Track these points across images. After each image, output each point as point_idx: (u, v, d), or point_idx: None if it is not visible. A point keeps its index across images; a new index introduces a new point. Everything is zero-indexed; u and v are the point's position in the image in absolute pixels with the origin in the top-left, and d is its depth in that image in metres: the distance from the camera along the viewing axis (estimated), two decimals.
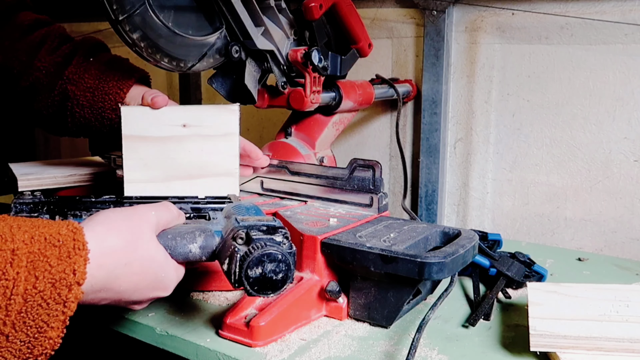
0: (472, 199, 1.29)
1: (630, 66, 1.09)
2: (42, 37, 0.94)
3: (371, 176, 0.91)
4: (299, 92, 1.02)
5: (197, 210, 0.74)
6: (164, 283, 0.64)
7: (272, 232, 0.64)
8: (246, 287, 0.62)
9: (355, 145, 1.43)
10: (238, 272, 0.62)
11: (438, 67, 1.22)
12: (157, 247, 0.63)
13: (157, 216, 0.65)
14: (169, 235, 0.66)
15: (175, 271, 0.66)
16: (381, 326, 0.78)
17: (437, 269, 0.71)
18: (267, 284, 0.63)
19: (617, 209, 1.14)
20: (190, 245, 0.66)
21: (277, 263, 0.63)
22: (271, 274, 0.63)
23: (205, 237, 0.67)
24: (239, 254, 0.62)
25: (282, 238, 0.64)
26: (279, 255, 0.62)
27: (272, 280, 0.63)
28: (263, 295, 0.63)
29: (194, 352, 0.73)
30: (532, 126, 1.20)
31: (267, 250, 0.62)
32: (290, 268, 0.63)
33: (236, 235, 0.63)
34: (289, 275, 0.64)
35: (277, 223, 0.67)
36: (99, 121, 0.93)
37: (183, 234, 0.66)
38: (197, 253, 0.66)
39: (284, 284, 0.64)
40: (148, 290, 0.63)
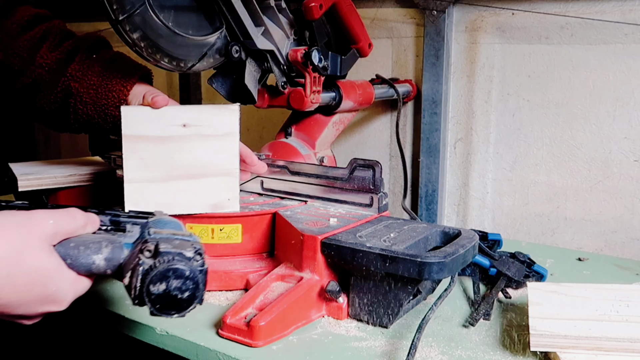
0: (472, 198, 1.29)
1: (631, 66, 1.09)
2: (43, 33, 0.93)
3: (371, 176, 0.91)
4: (299, 92, 1.02)
5: (115, 223, 0.67)
6: (55, 297, 0.58)
7: (184, 246, 0.59)
8: (147, 305, 0.57)
9: (356, 145, 1.43)
10: (139, 286, 0.57)
11: (438, 67, 1.22)
12: (50, 259, 0.57)
13: (55, 225, 0.59)
14: (72, 243, 0.60)
15: (73, 284, 0.59)
16: (381, 326, 0.78)
17: (437, 268, 0.71)
18: (171, 303, 0.57)
19: (617, 208, 1.14)
20: (95, 256, 0.60)
21: (184, 280, 0.57)
22: (176, 292, 0.57)
23: (112, 249, 0.60)
24: (143, 266, 0.57)
25: (193, 254, 0.58)
26: (186, 271, 0.57)
27: (177, 298, 0.57)
28: (165, 315, 0.58)
29: (194, 352, 0.73)
30: (532, 126, 1.20)
31: (173, 264, 0.56)
32: (198, 287, 0.57)
33: (144, 248, 0.58)
34: (197, 295, 0.58)
35: (192, 238, 0.61)
36: (102, 118, 0.93)
37: (88, 244, 0.60)
38: (102, 265, 0.60)
39: (190, 304, 0.58)
40: (36, 304, 0.57)
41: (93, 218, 0.64)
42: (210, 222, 0.89)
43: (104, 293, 0.88)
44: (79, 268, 0.60)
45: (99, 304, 0.84)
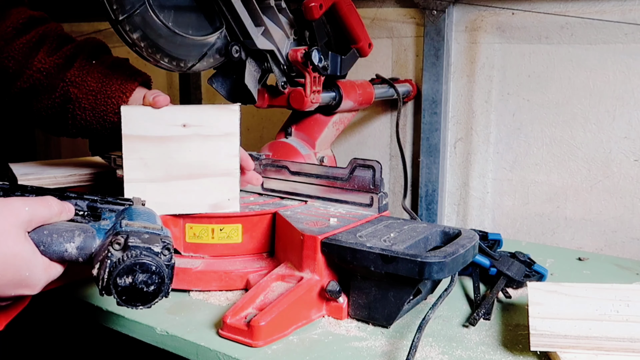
0: (472, 198, 1.29)
1: (631, 65, 1.09)
2: (39, 36, 0.93)
3: (371, 176, 0.91)
4: (299, 92, 1.02)
5: (92, 209, 0.69)
6: (28, 282, 0.60)
7: (153, 241, 0.61)
8: (114, 296, 0.59)
9: (356, 145, 1.43)
10: (107, 278, 0.59)
11: (438, 67, 1.22)
12: (24, 244, 0.59)
13: (31, 212, 0.61)
14: (45, 231, 0.62)
15: (45, 270, 0.61)
16: (381, 326, 0.78)
17: (438, 268, 0.71)
18: (137, 295, 0.60)
19: (617, 208, 1.14)
20: (67, 244, 0.62)
21: (150, 274, 0.59)
22: (142, 285, 0.59)
23: (84, 238, 0.62)
24: (111, 259, 0.59)
25: (161, 249, 0.60)
26: (152, 266, 0.59)
27: (143, 292, 0.60)
28: (131, 306, 0.60)
29: (194, 352, 0.73)
30: (532, 126, 1.20)
31: (140, 259, 0.59)
32: (164, 281, 0.60)
33: (114, 240, 0.60)
34: (162, 289, 0.60)
35: (162, 232, 0.63)
36: (100, 124, 0.93)
37: (61, 232, 0.62)
38: (74, 253, 0.62)
39: (155, 297, 0.60)
40: (8, 288, 0.59)
41: (68, 207, 0.66)
42: (211, 222, 0.89)
43: None
44: (52, 255, 0.62)
45: (98, 304, 0.84)
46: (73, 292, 0.87)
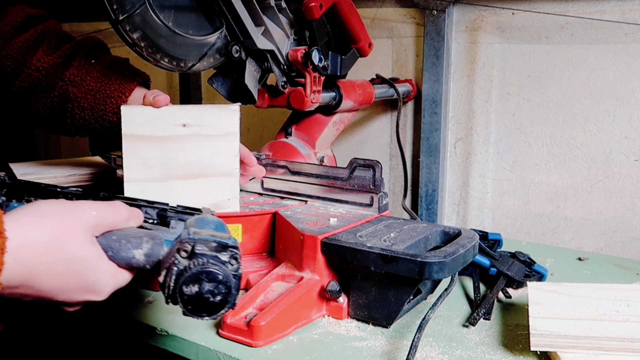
0: (473, 198, 1.29)
1: (631, 66, 1.09)
2: (38, 35, 0.92)
3: (371, 176, 0.91)
4: (299, 92, 1.02)
5: (162, 217, 0.69)
6: (94, 287, 0.59)
7: (221, 249, 0.59)
8: (180, 305, 0.58)
9: (356, 145, 1.43)
10: (173, 286, 0.58)
11: (438, 67, 1.22)
12: (90, 249, 0.59)
13: (99, 216, 0.60)
14: (114, 236, 0.61)
15: (113, 276, 0.61)
16: (382, 326, 0.78)
17: (438, 268, 0.71)
18: (203, 305, 0.58)
19: (617, 208, 1.14)
20: (135, 250, 0.61)
21: (217, 284, 0.58)
22: (208, 295, 0.58)
23: (152, 245, 0.62)
24: (178, 267, 0.58)
25: (229, 258, 0.59)
26: (219, 275, 0.58)
27: (209, 301, 0.58)
28: (196, 317, 0.59)
29: (194, 352, 0.73)
30: (532, 126, 1.20)
31: (207, 267, 0.58)
32: (230, 292, 0.58)
33: (181, 248, 0.59)
34: (229, 300, 0.59)
35: (230, 242, 0.61)
36: (99, 123, 0.93)
37: (129, 238, 0.61)
38: (142, 260, 0.61)
39: (221, 307, 0.59)
40: (75, 293, 0.59)
41: (137, 213, 0.66)
42: None
43: None
44: (120, 261, 0.61)
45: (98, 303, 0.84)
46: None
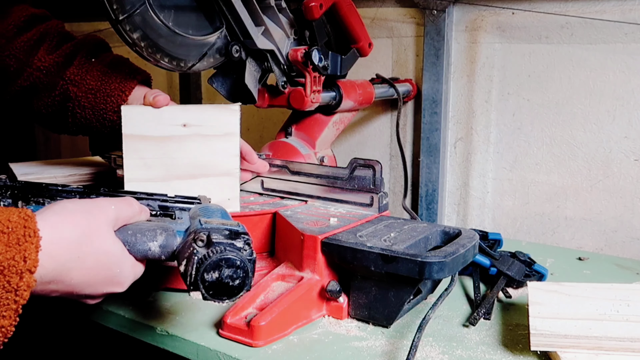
0: (473, 198, 1.29)
1: (631, 65, 1.09)
2: (40, 34, 0.92)
3: (371, 176, 0.91)
4: (299, 92, 1.02)
5: (164, 208, 0.72)
6: (118, 279, 0.63)
7: (234, 237, 0.63)
8: (201, 291, 0.61)
9: (356, 144, 1.43)
10: (194, 274, 0.61)
11: (438, 67, 1.22)
12: (114, 242, 0.62)
13: (116, 211, 0.63)
14: (129, 230, 0.64)
15: (132, 268, 0.64)
16: (382, 325, 0.78)
17: (438, 268, 0.71)
18: (223, 290, 0.62)
19: (617, 208, 1.14)
20: (150, 243, 0.64)
21: (235, 269, 0.61)
22: (228, 280, 0.61)
23: (166, 236, 0.65)
24: (197, 256, 0.61)
25: (243, 244, 0.63)
26: (237, 261, 0.61)
27: (229, 286, 0.62)
28: (218, 300, 0.62)
29: (195, 352, 0.73)
30: (532, 125, 1.20)
31: (225, 254, 0.61)
32: (247, 275, 0.62)
33: (197, 237, 0.62)
34: (246, 283, 0.62)
35: (240, 228, 0.65)
36: (100, 122, 0.93)
37: (144, 231, 0.65)
38: (157, 252, 0.65)
39: (240, 290, 0.62)
40: (101, 285, 0.61)
41: (145, 207, 0.69)
42: None
43: None
44: (136, 253, 0.64)
45: (98, 303, 0.84)
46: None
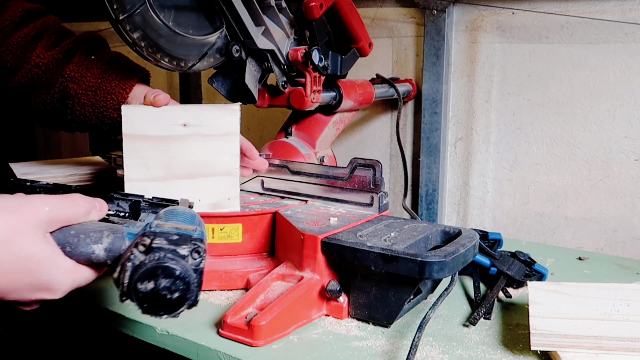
0: (473, 198, 1.29)
1: (631, 65, 1.09)
2: (37, 30, 0.92)
3: (372, 175, 0.91)
4: (300, 92, 1.02)
5: (134, 209, 0.66)
6: (48, 285, 0.56)
7: (181, 242, 0.55)
8: (135, 303, 0.54)
9: (356, 144, 1.43)
10: (127, 283, 0.54)
11: (438, 67, 1.22)
12: (41, 246, 0.55)
13: (51, 211, 0.56)
14: (72, 231, 0.58)
15: (69, 273, 0.58)
16: (382, 325, 0.78)
17: (438, 268, 0.71)
18: (160, 303, 0.54)
19: (617, 208, 1.14)
20: (95, 245, 0.58)
21: (174, 280, 0.53)
22: (165, 292, 0.54)
23: (113, 239, 0.58)
24: (133, 262, 0.54)
25: (189, 252, 0.55)
26: (176, 270, 0.53)
27: (166, 299, 0.54)
28: (154, 315, 0.55)
29: (195, 352, 0.73)
30: (532, 125, 1.20)
31: (163, 262, 0.53)
32: (189, 288, 0.54)
33: (139, 242, 0.55)
34: (188, 297, 0.54)
35: (195, 234, 0.57)
36: (100, 120, 0.92)
37: (89, 232, 0.58)
38: (102, 255, 0.58)
39: (179, 305, 0.55)
40: (28, 292, 0.56)
41: (100, 205, 0.62)
42: (211, 222, 0.89)
43: (104, 292, 0.88)
44: (79, 257, 0.58)
45: (99, 303, 0.84)
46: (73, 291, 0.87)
